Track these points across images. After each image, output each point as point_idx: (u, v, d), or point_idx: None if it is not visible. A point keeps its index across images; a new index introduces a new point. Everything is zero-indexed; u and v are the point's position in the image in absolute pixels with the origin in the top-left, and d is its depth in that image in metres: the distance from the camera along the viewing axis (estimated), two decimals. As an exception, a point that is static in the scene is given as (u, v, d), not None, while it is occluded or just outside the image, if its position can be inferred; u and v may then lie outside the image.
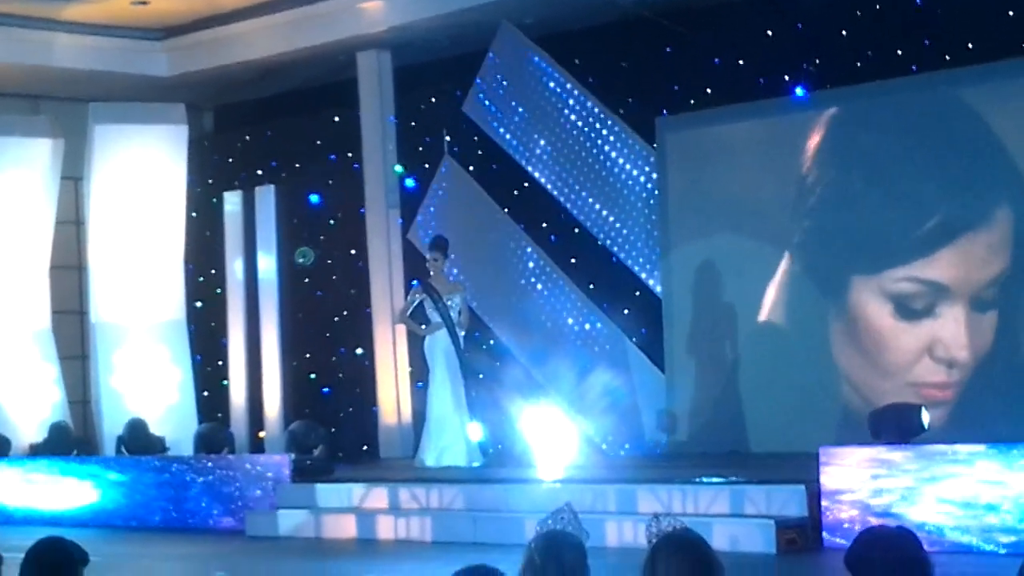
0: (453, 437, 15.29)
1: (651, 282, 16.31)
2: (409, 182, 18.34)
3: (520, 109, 17.07)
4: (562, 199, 16.76)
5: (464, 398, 15.43)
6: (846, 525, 10.82)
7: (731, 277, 15.72)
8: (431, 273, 15.54)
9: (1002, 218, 13.98)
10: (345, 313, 19.18)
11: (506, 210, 17.29)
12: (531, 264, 17.02)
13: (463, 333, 15.49)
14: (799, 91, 15.29)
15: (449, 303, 15.35)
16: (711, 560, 4.35)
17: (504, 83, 17.15)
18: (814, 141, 15.16)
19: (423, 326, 15.56)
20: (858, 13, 14.92)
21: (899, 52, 14.63)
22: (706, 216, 15.85)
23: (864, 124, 14.82)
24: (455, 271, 16.91)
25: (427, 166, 18.07)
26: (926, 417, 11.69)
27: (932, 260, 14.30)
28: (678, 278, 16.08)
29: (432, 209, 17.84)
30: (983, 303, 14.05)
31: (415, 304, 15.57)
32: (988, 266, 14.02)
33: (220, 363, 19.92)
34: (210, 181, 20.34)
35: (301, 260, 19.07)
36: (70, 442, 17.65)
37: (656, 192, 16.26)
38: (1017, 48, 13.84)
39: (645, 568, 4.37)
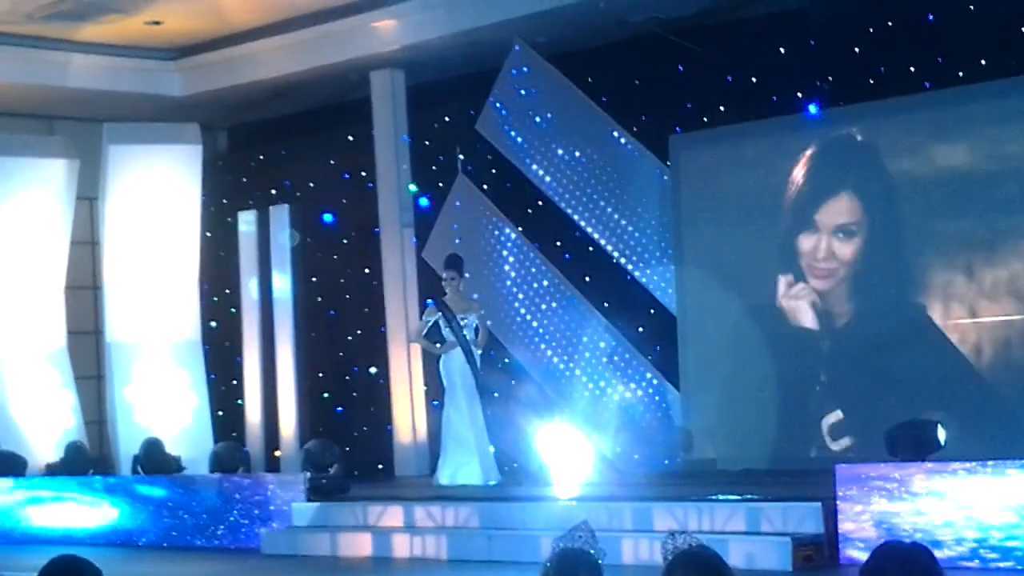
0: (468, 455, 15.26)
1: (665, 300, 16.30)
2: (423, 201, 18.37)
3: (533, 127, 17.08)
4: (576, 217, 16.77)
5: (481, 417, 15.39)
6: (862, 542, 10.80)
7: (745, 294, 15.71)
8: (447, 292, 15.50)
9: (1013, 238, 13.97)
10: (360, 332, 19.21)
11: (520, 228, 17.31)
12: (545, 282, 17.03)
13: (480, 352, 15.45)
14: (812, 108, 15.30)
15: (464, 322, 15.31)
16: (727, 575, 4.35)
17: (517, 102, 17.16)
18: (828, 159, 15.15)
19: (437, 345, 15.55)
20: (871, 30, 14.94)
21: (912, 69, 14.64)
22: (720, 233, 15.85)
23: (877, 141, 14.82)
24: (473, 293, 16.91)
25: (441, 185, 18.09)
26: (942, 434, 11.68)
27: (946, 269, 14.31)
28: (693, 296, 16.07)
29: (446, 228, 17.85)
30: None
31: (430, 323, 15.52)
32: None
33: (235, 382, 19.95)
34: (224, 201, 20.40)
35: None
36: (86, 462, 17.68)
37: (670, 210, 16.27)
38: (1029, 64, 13.85)
39: (662, 585, 4.37)
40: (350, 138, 19.35)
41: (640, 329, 16.50)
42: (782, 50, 15.60)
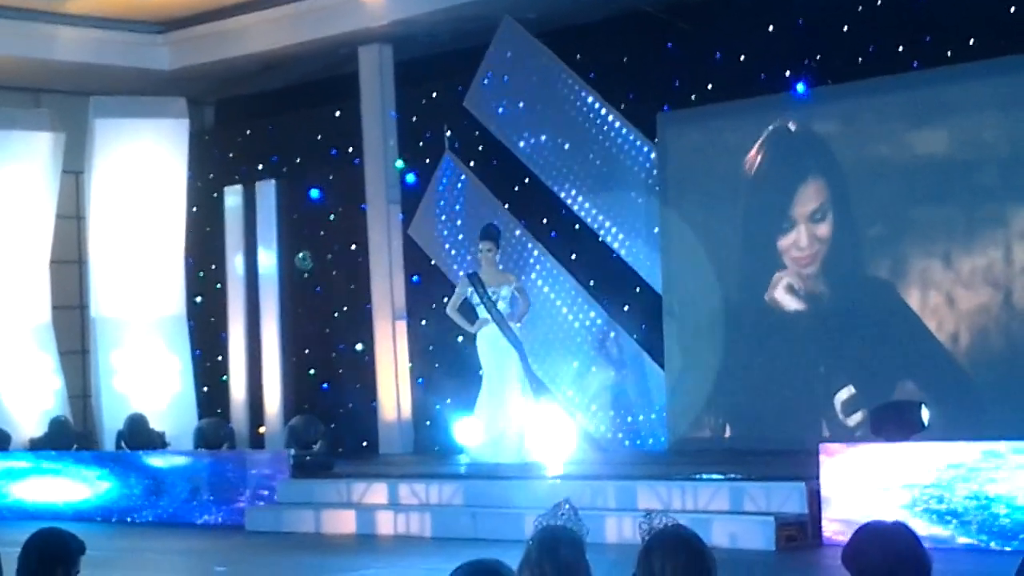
0: (502, 433, 14.68)
1: (651, 279, 16.29)
2: (410, 177, 18.33)
3: (521, 104, 17.06)
4: (562, 195, 16.75)
5: (521, 393, 14.72)
6: (845, 522, 10.81)
7: (731, 273, 15.71)
8: (482, 264, 14.97)
9: (999, 216, 13.98)
10: (345, 309, 19.18)
11: (506, 206, 17.29)
12: (531, 260, 17.01)
13: (518, 325, 14.83)
14: (800, 87, 15.27)
15: (495, 295, 14.72)
16: (705, 555, 4.33)
17: (505, 78, 17.13)
18: (815, 137, 15.14)
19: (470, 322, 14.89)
20: (859, 9, 14.92)
21: (900, 48, 14.62)
22: (707, 212, 15.84)
23: (865, 120, 14.81)
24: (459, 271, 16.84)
25: (428, 161, 18.06)
26: (926, 415, 11.71)
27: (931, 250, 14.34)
28: (678, 274, 16.07)
29: (433, 204, 17.83)
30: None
31: (463, 298, 14.92)
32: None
33: (220, 358, 19.93)
34: (211, 176, 20.34)
35: (300, 264, 18.98)
36: (70, 437, 17.66)
37: (657, 188, 16.25)
38: (1018, 45, 13.82)
39: (640, 564, 4.35)
40: (337, 114, 19.30)
41: (626, 307, 16.50)
42: (771, 28, 15.57)
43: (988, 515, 10.49)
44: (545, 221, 17.10)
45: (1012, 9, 13.95)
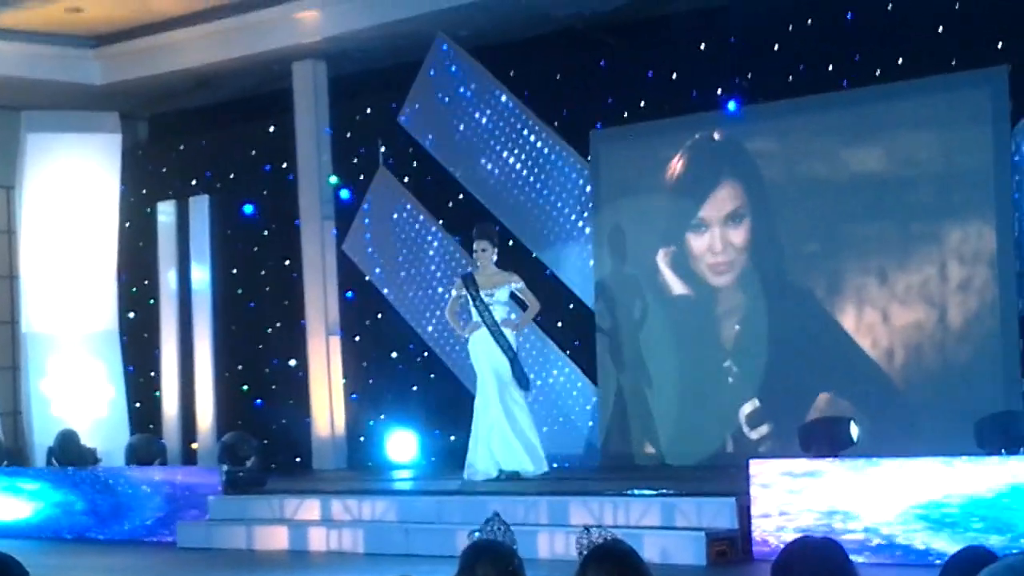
0: (506, 444, 14.09)
1: (584, 295, 16.34)
2: (344, 193, 18.32)
3: (455, 121, 17.08)
4: (496, 211, 16.77)
5: (518, 403, 14.14)
6: (776, 537, 10.90)
7: (663, 290, 15.79)
8: (478, 265, 14.27)
9: (932, 234, 14.12)
10: (279, 325, 19.13)
11: (440, 221, 17.31)
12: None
13: (514, 332, 14.16)
14: (732, 105, 15.38)
15: (489, 298, 14.03)
16: (641, 570, 4.38)
17: (439, 94, 17.16)
18: (746, 154, 15.25)
19: (463, 323, 14.41)
20: (790, 28, 15.05)
21: (830, 67, 14.75)
22: (639, 229, 15.91)
23: (796, 137, 14.94)
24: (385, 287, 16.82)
25: (362, 177, 18.06)
26: (855, 431, 11.81)
27: (866, 266, 14.45)
28: (611, 291, 16.14)
29: (367, 220, 17.83)
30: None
31: (460, 300, 14.22)
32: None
33: (152, 374, 19.82)
34: (144, 191, 20.25)
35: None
36: (0, 453, 17.51)
37: (590, 205, 16.32)
38: (945, 64, 13.99)
39: (576, 580, 4.39)
40: (271, 129, 19.26)
41: (559, 324, 16.54)
42: (703, 47, 15.69)
43: (917, 526, 10.59)
44: (479, 237, 17.10)
45: (939, 29, 14.11)
